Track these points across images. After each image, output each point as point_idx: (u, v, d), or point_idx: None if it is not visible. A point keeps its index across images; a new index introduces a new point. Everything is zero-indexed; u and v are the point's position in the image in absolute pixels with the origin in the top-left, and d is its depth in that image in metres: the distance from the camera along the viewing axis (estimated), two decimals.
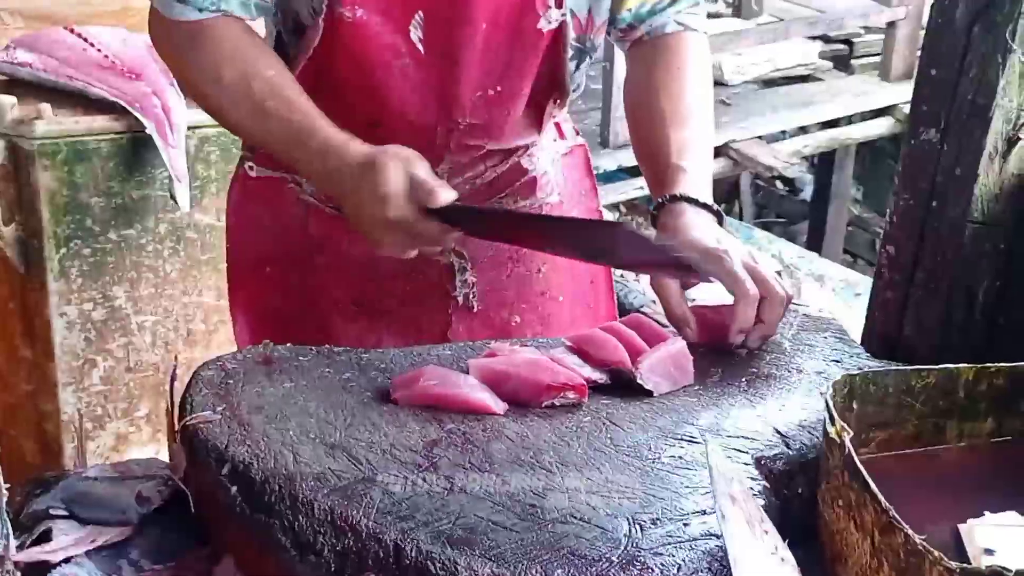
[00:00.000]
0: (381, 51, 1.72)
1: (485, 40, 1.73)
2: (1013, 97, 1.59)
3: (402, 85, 1.75)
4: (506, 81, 1.80)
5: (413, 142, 1.72)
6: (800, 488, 1.42)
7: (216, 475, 1.33)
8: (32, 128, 2.64)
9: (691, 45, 1.87)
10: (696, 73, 1.85)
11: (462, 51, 1.74)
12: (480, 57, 1.75)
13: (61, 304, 2.78)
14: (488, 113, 1.82)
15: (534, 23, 1.74)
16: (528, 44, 1.77)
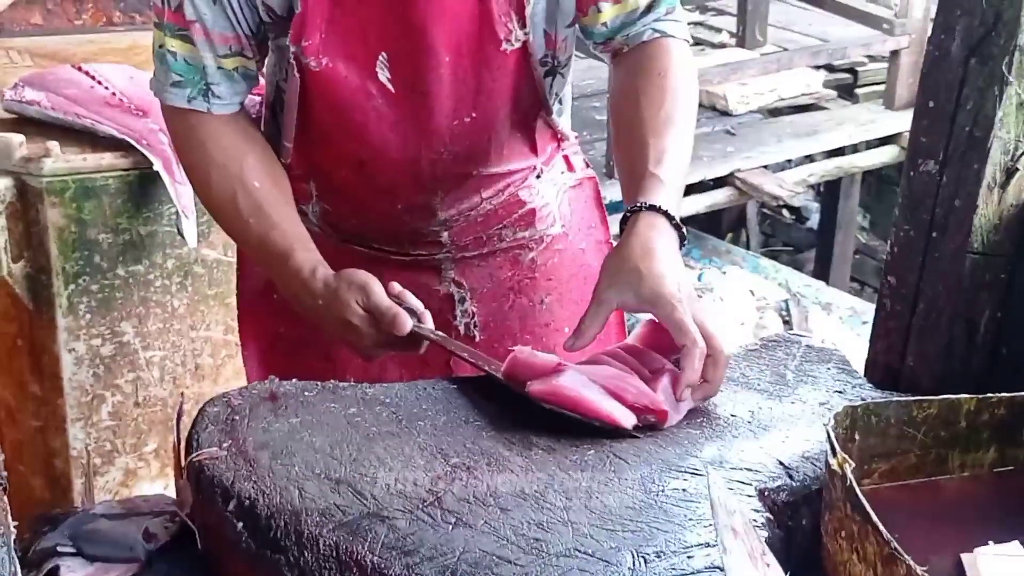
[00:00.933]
0: (353, 94, 1.76)
1: (451, 71, 1.75)
2: (1011, 129, 1.60)
3: (379, 124, 1.79)
4: (479, 107, 1.81)
5: (401, 177, 1.77)
6: (804, 520, 1.43)
7: (222, 511, 1.33)
8: (40, 166, 2.65)
9: (671, 51, 1.84)
10: (677, 78, 1.82)
11: (430, 84, 1.76)
12: (449, 87, 1.77)
13: (70, 340, 2.79)
14: (469, 139, 1.84)
15: (497, 47, 1.76)
16: (494, 67, 1.78)
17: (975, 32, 1.59)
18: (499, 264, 1.97)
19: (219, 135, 1.80)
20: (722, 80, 6.11)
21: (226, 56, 1.78)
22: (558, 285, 2.01)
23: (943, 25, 1.63)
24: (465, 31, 1.73)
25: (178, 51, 1.78)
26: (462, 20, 1.72)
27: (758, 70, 6.20)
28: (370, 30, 1.73)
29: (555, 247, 2.00)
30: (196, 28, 1.75)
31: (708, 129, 6.20)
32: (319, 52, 1.73)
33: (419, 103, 1.78)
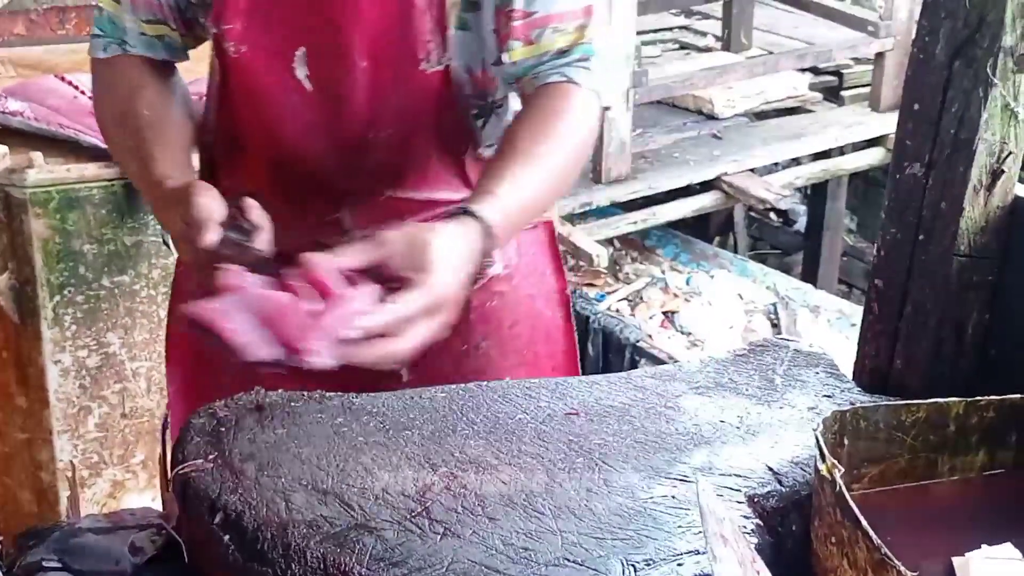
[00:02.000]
0: (271, 88, 1.75)
1: (369, 78, 1.72)
2: (996, 131, 1.60)
3: (294, 124, 1.76)
4: (398, 125, 1.76)
5: (315, 187, 1.74)
6: (794, 526, 1.42)
7: (208, 524, 1.33)
8: (24, 177, 2.65)
9: (571, 97, 1.73)
10: (567, 124, 1.70)
11: (347, 89, 1.73)
12: (366, 96, 1.73)
13: (55, 351, 2.78)
14: (385, 156, 1.78)
15: (416, 64, 1.71)
16: (414, 86, 1.73)
17: (959, 34, 1.59)
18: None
19: (125, 67, 1.81)
20: (708, 84, 6.11)
21: (148, 22, 1.78)
22: (497, 330, 1.91)
23: (927, 28, 1.63)
24: (384, 39, 1.70)
25: (105, 7, 1.80)
26: (380, 27, 1.69)
27: (744, 73, 6.21)
28: (290, 22, 1.71)
29: (494, 289, 1.89)
30: None
31: (694, 133, 6.21)
32: (239, 39, 1.72)
33: (334, 108, 1.75)
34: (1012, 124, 1.62)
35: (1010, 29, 1.56)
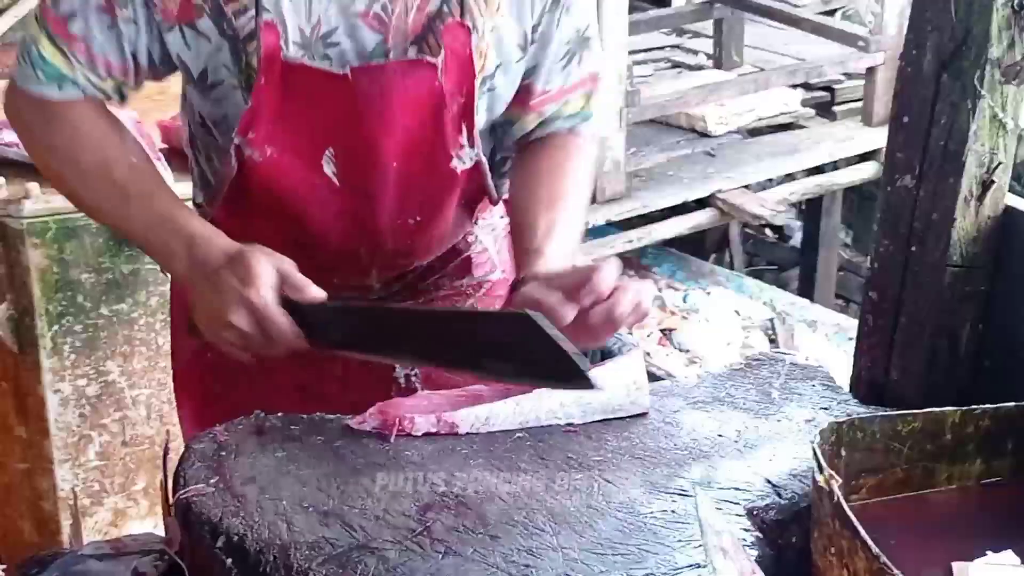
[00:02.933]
0: (296, 184, 1.72)
1: (398, 176, 1.73)
2: (985, 141, 1.62)
3: (321, 213, 1.75)
4: (426, 212, 1.80)
5: (339, 261, 1.74)
6: (793, 537, 1.43)
7: (211, 548, 1.33)
8: (20, 207, 2.65)
9: (577, 145, 1.86)
10: (577, 168, 1.83)
11: (376, 186, 1.73)
12: (395, 191, 1.75)
13: (55, 381, 2.79)
14: (412, 238, 1.83)
15: (447, 162, 1.74)
16: (444, 181, 1.77)
17: (946, 47, 1.61)
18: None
19: (90, 119, 1.70)
20: (700, 102, 6.12)
21: (103, 79, 1.69)
22: None
23: (914, 41, 1.64)
24: (415, 143, 1.71)
25: (48, 57, 1.66)
26: (413, 133, 1.70)
27: (736, 91, 6.22)
28: (319, 126, 1.69)
29: (496, 293, 1.95)
30: (79, 46, 1.65)
31: (688, 151, 6.22)
32: (264, 143, 1.67)
33: (363, 201, 1.75)
34: (1001, 135, 1.63)
35: (996, 41, 1.58)
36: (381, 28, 1.66)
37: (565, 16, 1.77)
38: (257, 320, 1.53)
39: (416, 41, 1.68)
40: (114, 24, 1.64)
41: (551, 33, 1.77)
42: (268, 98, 1.64)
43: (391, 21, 1.66)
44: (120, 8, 1.63)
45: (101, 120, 1.71)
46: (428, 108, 1.68)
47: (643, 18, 6.84)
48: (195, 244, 1.61)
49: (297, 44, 1.64)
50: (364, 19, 1.65)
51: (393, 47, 1.67)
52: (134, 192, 1.67)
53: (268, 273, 1.53)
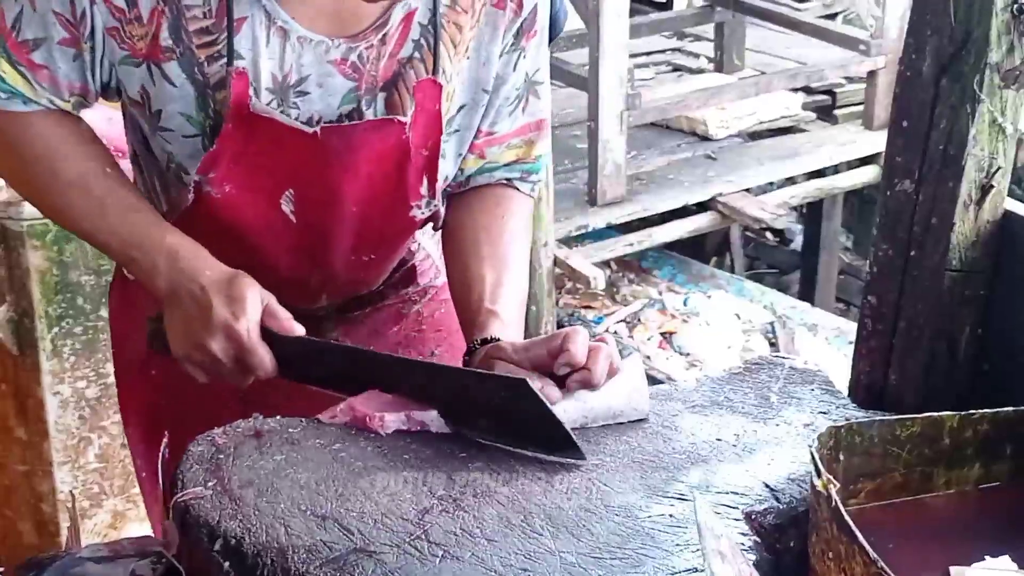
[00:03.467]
0: (251, 219, 1.71)
1: (357, 219, 1.73)
2: (984, 146, 1.62)
3: (275, 245, 1.74)
4: (380, 251, 1.83)
5: (288, 286, 1.72)
6: (791, 542, 1.43)
7: (208, 551, 1.33)
8: (20, 210, 2.66)
9: (516, 200, 1.86)
10: (518, 224, 1.84)
11: (333, 227, 1.74)
12: (351, 233, 1.75)
13: (54, 383, 2.79)
14: (363, 272, 1.84)
15: (406, 212, 1.76)
16: (401, 226, 1.80)
17: (945, 51, 1.60)
18: (383, 320, 1.92)
19: (57, 123, 1.68)
20: (701, 105, 6.13)
21: (66, 100, 1.67)
22: (447, 336, 1.96)
23: (914, 45, 1.64)
24: (377, 191, 1.71)
25: (8, 79, 1.64)
26: (375, 182, 1.70)
27: (737, 94, 6.23)
28: (281, 171, 1.69)
29: (440, 298, 1.96)
30: (43, 74, 1.64)
31: (689, 154, 6.23)
32: (224, 181, 1.67)
33: (318, 238, 1.75)
34: (1000, 139, 1.63)
35: (995, 45, 1.58)
36: (355, 75, 1.67)
37: (521, 59, 1.78)
38: (237, 350, 1.56)
39: (385, 87, 1.68)
40: (79, 55, 1.63)
41: (507, 75, 1.78)
42: (232, 142, 1.64)
43: (365, 68, 1.67)
44: (84, 42, 1.62)
45: (73, 129, 1.70)
46: (393, 161, 1.69)
47: (644, 21, 6.86)
48: (178, 260, 1.61)
49: (269, 90, 1.64)
50: (339, 67, 1.66)
51: (365, 93, 1.67)
52: (112, 205, 1.66)
53: (256, 306, 1.56)
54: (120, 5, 1.60)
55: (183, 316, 1.60)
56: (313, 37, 1.63)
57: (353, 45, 1.65)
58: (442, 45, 1.69)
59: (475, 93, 1.76)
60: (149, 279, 1.65)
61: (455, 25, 1.70)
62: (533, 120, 1.84)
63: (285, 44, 1.63)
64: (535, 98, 1.83)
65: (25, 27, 1.62)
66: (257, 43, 1.62)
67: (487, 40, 1.74)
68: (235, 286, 1.57)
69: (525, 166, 1.86)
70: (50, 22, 1.61)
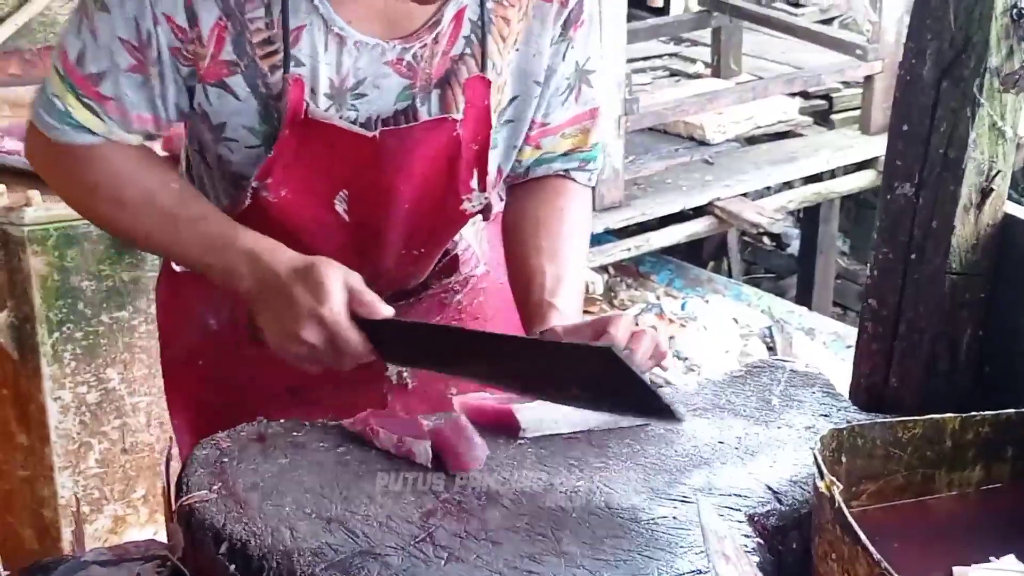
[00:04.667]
0: (306, 220, 1.73)
1: (408, 215, 1.76)
2: (984, 149, 1.62)
3: (327, 242, 1.75)
4: (430, 245, 1.85)
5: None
6: (794, 543, 1.43)
7: (214, 554, 1.33)
8: (21, 215, 2.66)
9: (573, 191, 1.89)
10: (575, 216, 1.87)
11: (385, 224, 1.76)
12: (403, 229, 1.78)
13: (55, 388, 2.79)
14: (413, 266, 1.87)
15: (457, 205, 1.78)
16: (452, 220, 1.82)
17: (946, 55, 1.61)
18: (426, 309, 1.94)
19: (127, 155, 1.69)
20: (698, 110, 6.13)
21: (133, 132, 1.68)
22: (484, 323, 1.99)
23: (914, 49, 1.65)
24: (429, 188, 1.74)
25: (77, 116, 1.65)
26: (428, 179, 1.73)
27: (734, 99, 6.23)
28: (335, 173, 1.71)
29: (479, 286, 1.99)
30: (111, 105, 1.64)
31: (686, 159, 6.23)
32: (280, 186, 1.69)
33: (370, 236, 1.78)
34: (1000, 143, 1.64)
35: (995, 49, 1.59)
36: (410, 74, 1.69)
37: (570, 49, 1.80)
38: (329, 335, 1.55)
39: (439, 84, 1.71)
40: (146, 81, 1.63)
41: (556, 65, 1.80)
42: (289, 149, 1.66)
43: (419, 67, 1.69)
44: (151, 67, 1.62)
45: (136, 153, 1.71)
46: (445, 157, 1.72)
47: (641, 26, 6.86)
48: (259, 259, 1.61)
49: (327, 96, 1.66)
50: (394, 67, 1.68)
51: (419, 90, 1.70)
52: (183, 217, 1.67)
53: (339, 288, 1.55)
54: (182, 24, 1.60)
55: (272, 312, 1.60)
56: (369, 41, 1.65)
57: (407, 46, 1.68)
58: (490, 40, 1.72)
59: (527, 85, 1.78)
60: (231, 282, 1.65)
61: (503, 19, 1.73)
62: (587, 109, 1.87)
63: (342, 49, 1.65)
64: (587, 87, 1.85)
65: (90, 60, 1.62)
66: (316, 50, 1.64)
67: (536, 33, 1.76)
68: (314, 272, 1.56)
69: (582, 155, 1.89)
70: (116, 50, 1.61)
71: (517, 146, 1.83)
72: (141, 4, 1.58)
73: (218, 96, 1.65)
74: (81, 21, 1.62)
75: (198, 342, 1.93)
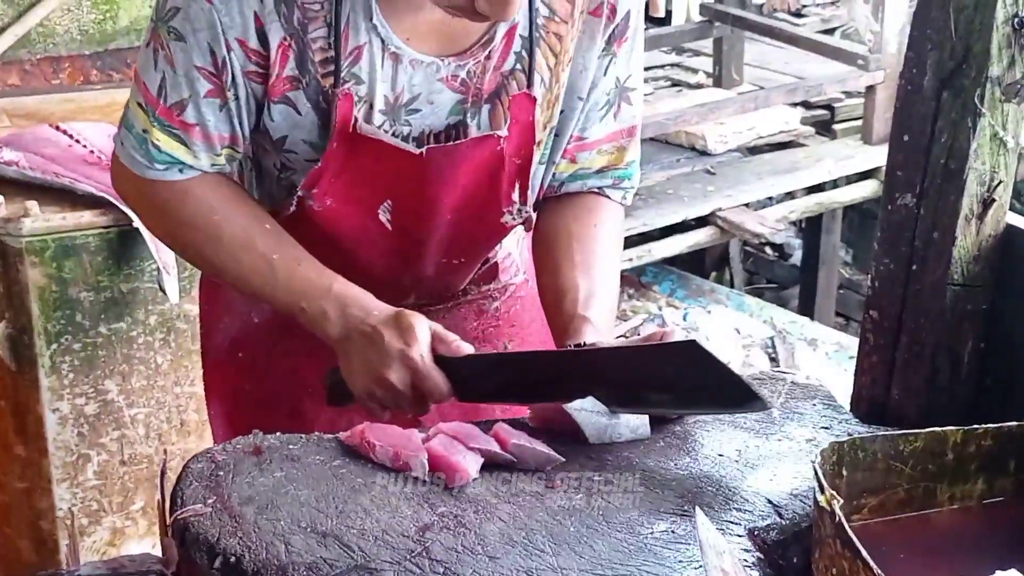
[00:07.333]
0: (349, 229, 1.78)
1: (450, 226, 1.79)
2: (985, 160, 1.61)
3: (370, 251, 1.81)
4: (470, 254, 1.88)
5: (379, 286, 1.75)
6: (795, 558, 1.42)
7: (208, 568, 1.32)
8: (19, 226, 2.65)
9: (606, 209, 1.90)
10: (609, 233, 1.88)
11: (428, 233, 1.80)
12: (445, 239, 1.81)
13: (53, 400, 2.78)
14: (454, 274, 1.90)
15: (498, 217, 1.80)
16: (493, 232, 1.85)
17: (946, 65, 1.60)
18: (464, 315, 1.97)
19: (221, 192, 1.75)
20: (700, 120, 6.13)
21: (219, 155, 1.73)
22: (520, 331, 2.02)
23: (914, 60, 1.64)
24: (472, 199, 1.77)
25: (164, 147, 1.70)
26: (471, 191, 1.76)
27: (736, 109, 6.23)
28: (381, 184, 1.75)
29: (518, 295, 2.02)
30: (195, 131, 1.69)
31: (688, 169, 6.23)
32: (326, 196, 1.73)
33: (413, 244, 1.81)
34: (1001, 153, 1.63)
35: (996, 59, 1.58)
36: (462, 89, 1.72)
37: (612, 64, 1.81)
38: (415, 378, 1.62)
39: (489, 99, 1.74)
40: (224, 105, 1.68)
41: (597, 79, 1.82)
42: (336, 160, 1.70)
43: (471, 83, 1.72)
44: (227, 90, 1.67)
45: (229, 190, 1.76)
46: (488, 171, 1.75)
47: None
48: (348, 306, 1.68)
49: (382, 112, 1.70)
50: (448, 83, 1.71)
51: (471, 106, 1.73)
52: (279, 260, 1.72)
53: (425, 333, 1.62)
54: (255, 48, 1.65)
55: (360, 356, 1.66)
56: (424, 59, 1.69)
57: (462, 63, 1.71)
58: (539, 55, 1.74)
59: (571, 100, 1.80)
60: (320, 327, 1.71)
61: (555, 36, 1.75)
62: (625, 127, 1.88)
63: (398, 67, 1.69)
64: (627, 104, 1.86)
65: (171, 91, 1.67)
66: (374, 68, 1.68)
67: (585, 47, 1.78)
68: (403, 318, 1.64)
69: (617, 172, 1.90)
70: (194, 78, 1.66)
71: (556, 161, 1.85)
72: (214, 31, 1.63)
73: (280, 112, 1.70)
74: (156, 53, 1.67)
75: (239, 334, 1.96)
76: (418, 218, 1.78)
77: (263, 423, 1.58)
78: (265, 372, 1.93)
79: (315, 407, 1.82)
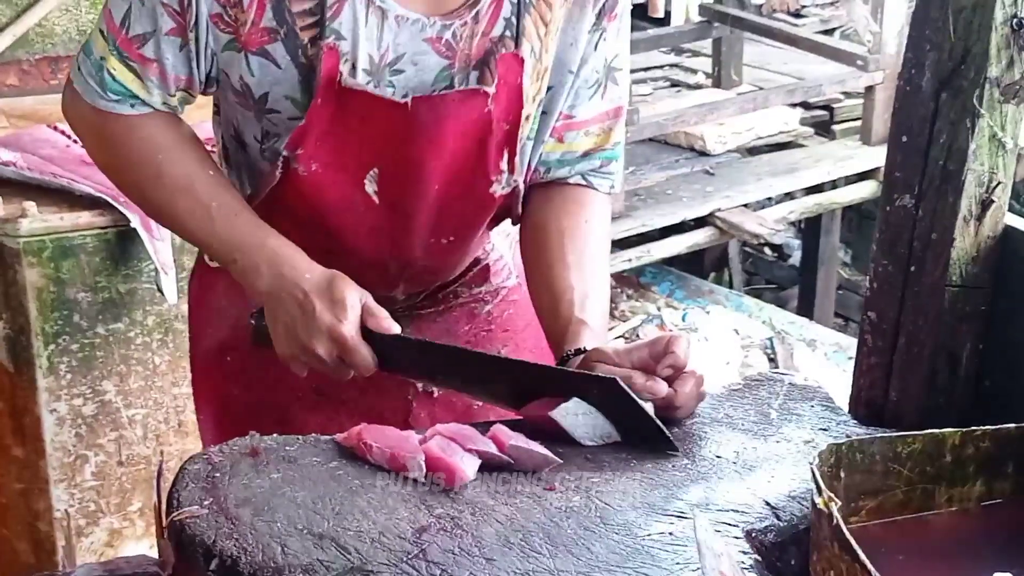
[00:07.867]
0: (335, 199, 1.76)
1: (438, 197, 1.77)
2: (984, 161, 1.61)
3: (356, 226, 1.78)
4: (459, 232, 1.85)
5: (366, 272, 1.75)
6: (792, 560, 1.42)
7: (204, 570, 1.32)
8: (17, 226, 2.65)
9: (595, 202, 1.89)
10: (599, 228, 1.88)
11: (415, 205, 1.77)
12: (433, 212, 1.79)
13: (51, 400, 2.78)
14: (442, 257, 1.87)
15: (486, 187, 1.78)
16: (481, 204, 1.82)
17: (944, 66, 1.60)
18: (456, 318, 1.96)
19: (169, 133, 1.74)
20: (699, 121, 6.13)
21: (173, 95, 1.73)
22: (514, 335, 2.00)
23: (913, 60, 1.64)
24: (459, 166, 1.75)
25: (119, 77, 1.70)
26: (458, 157, 1.74)
27: (735, 110, 6.23)
28: (367, 148, 1.73)
29: (510, 299, 2.00)
30: (152, 67, 1.69)
31: (687, 170, 6.22)
32: (311, 159, 1.71)
33: (399, 220, 1.79)
34: (1000, 154, 1.62)
35: (995, 60, 1.57)
36: (448, 54, 1.70)
37: (602, 41, 1.80)
38: (341, 351, 1.61)
39: (477, 66, 1.72)
40: (184, 45, 1.68)
41: (588, 55, 1.80)
42: (321, 118, 1.68)
43: (458, 47, 1.70)
44: (189, 31, 1.66)
45: (177, 132, 1.76)
46: (476, 134, 1.72)
47: (642, 37, 6.85)
48: (282, 264, 1.66)
49: (366, 71, 1.68)
50: (433, 44, 1.69)
51: (458, 71, 1.71)
52: (217, 208, 1.71)
53: (356, 307, 1.62)
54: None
55: (286, 319, 1.65)
56: (410, 15, 1.67)
57: (447, 23, 1.69)
58: (529, 22, 1.72)
59: (561, 75, 1.79)
60: (250, 281, 1.70)
61: (545, 3, 1.73)
62: (612, 107, 1.87)
63: (383, 24, 1.67)
64: (613, 84, 1.85)
65: (135, 22, 1.67)
66: (357, 23, 1.66)
67: (576, 19, 1.76)
68: (336, 289, 1.62)
69: (604, 153, 1.88)
70: (159, 14, 1.65)
71: (544, 140, 1.83)
72: None
73: (259, 65, 1.68)
74: None
75: (228, 337, 1.95)
76: (405, 188, 1.75)
77: (252, 429, 1.56)
78: (253, 377, 1.91)
79: (304, 413, 1.80)
